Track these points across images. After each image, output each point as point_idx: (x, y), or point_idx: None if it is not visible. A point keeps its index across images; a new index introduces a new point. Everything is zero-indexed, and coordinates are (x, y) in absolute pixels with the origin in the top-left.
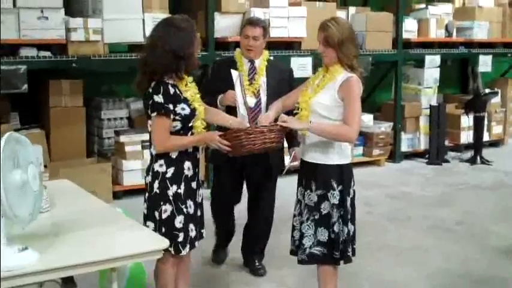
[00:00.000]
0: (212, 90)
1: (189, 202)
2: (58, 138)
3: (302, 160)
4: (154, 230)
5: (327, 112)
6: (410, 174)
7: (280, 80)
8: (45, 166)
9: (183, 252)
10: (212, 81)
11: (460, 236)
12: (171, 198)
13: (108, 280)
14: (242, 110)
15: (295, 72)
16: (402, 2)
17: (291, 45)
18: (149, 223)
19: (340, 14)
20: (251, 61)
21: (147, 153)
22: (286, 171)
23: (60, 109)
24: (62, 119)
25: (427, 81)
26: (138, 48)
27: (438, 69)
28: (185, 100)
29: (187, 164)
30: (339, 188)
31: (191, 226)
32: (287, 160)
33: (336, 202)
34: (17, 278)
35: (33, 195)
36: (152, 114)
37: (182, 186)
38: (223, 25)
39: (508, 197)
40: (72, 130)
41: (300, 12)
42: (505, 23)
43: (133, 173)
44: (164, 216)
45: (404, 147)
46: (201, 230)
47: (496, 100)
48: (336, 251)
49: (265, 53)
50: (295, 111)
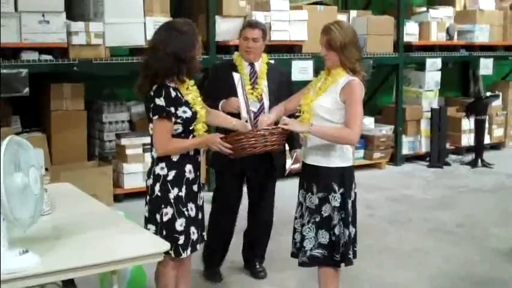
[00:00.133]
0: (213, 94)
1: (191, 205)
2: (59, 141)
3: (303, 163)
4: (155, 233)
5: (329, 115)
6: (411, 177)
7: (280, 84)
8: (46, 169)
9: (184, 255)
10: (212, 85)
11: (461, 239)
12: (172, 201)
13: (108, 283)
14: (245, 113)
15: (296, 75)
16: (403, 6)
17: (292, 48)
18: (150, 226)
19: (341, 18)
20: (251, 64)
21: (148, 156)
22: (287, 173)
23: (61, 112)
24: (63, 123)
25: (428, 84)
26: (140, 51)
27: (439, 72)
28: (186, 103)
29: (188, 167)
30: (340, 191)
31: (193, 229)
32: (288, 163)
33: (337, 205)
34: (18, 281)
35: (34, 198)
36: (154, 117)
37: (183, 189)
38: (224, 28)
39: (509, 200)
40: (73, 133)
41: (301, 15)
42: (506, 26)
43: (134, 176)
44: (165, 219)
45: (405, 150)
46: (202, 233)
47: (497, 103)
48: (337, 254)
49: (264, 56)
50: (297, 113)
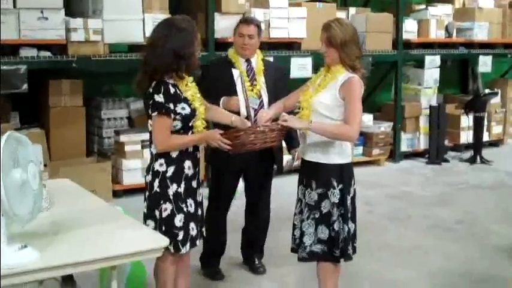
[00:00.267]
0: (211, 91)
1: (190, 201)
2: (58, 137)
3: (303, 159)
4: (154, 229)
5: (328, 112)
6: (410, 174)
7: (276, 80)
8: (45, 165)
9: (183, 250)
10: (210, 82)
11: (460, 236)
12: (171, 197)
13: (108, 278)
14: (244, 110)
15: (295, 72)
16: (402, 3)
17: (291, 45)
18: (149, 222)
19: (340, 15)
20: (247, 61)
21: (147, 152)
22: (285, 170)
23: (60, 109)
24: (62, 119)
25: (427, 81)
26: (139, 48)
27: (438, 69)
28: (185, 100)
29: (187, 163)
30: (339, 187)
31: (192, 225)
32: (289, 161)
33: (336, 201)
34: (17, 276)
35: (32, 194)
36: (153, 113)
37: (182, 185)
38: (223, 26)
39: (508, 197)
40: (72, 130)
41: (300, 13)
42: (505, 24)
43: (133, 172)
44: (164, 214)
45: (404, 147)
46: (202, 229)
47: (496, 100)
48: (336, 249)
49: (259, 53)
50: (296, 110)
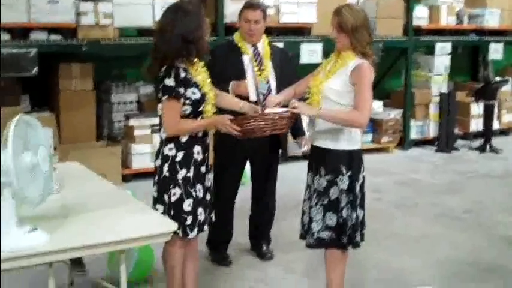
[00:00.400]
0: (222, 77)
1: (198, 186)
2: (68, 121)
3: (312, 145)
4: (163, 213)
5: (338, 97)
6: (419, 161)
7: (283, 64)
8: (54, 149)
9: (191, 235)
10: (217, 67)
11: (468, 225)
12: (180, 181)
13: (116, 262)
14: (254, 96)
15: (305, 58)
16: None
17: (301, 30)
18: (158, 206)
19: (350, 0)
20: (254, 45)
21: (156, 137)
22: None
23: (70, 92)
24: (72, 102)
25: (438, 68)
26: (148, 32)
27: (449, 56)
28: (196, 84)
29: (196, 149)
30: (348, 174)
31: (200, 210)
32: (296, 148)
33: (345, 187)
34: (26, 259)
35: (43, 177)
36: (163, 97)
37: (191, 170)
38: (232, 10)
39: None
40: (81, 113)
41: None
42: None
43: (142, 157)
44: (173, 199)
45: (413, 134)
46: (210, 215)
47: (507, 88)
48: (344, 236)
49: (265, 37)
50: (306, 96)
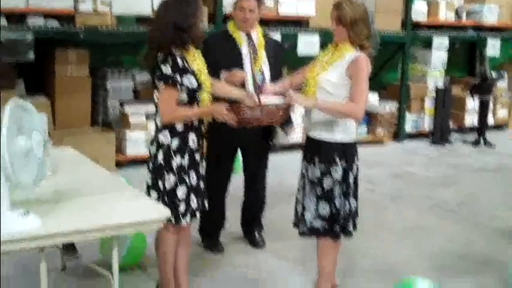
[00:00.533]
0: (215, 66)
1: (192, 174)
2: (63, 106)
3: (307, 136)
4: (157, 200)
5: (334, 89)
6: (413, 154)
7: (275, 54)
8: (49, 134)
9: (184, 222)
10: (212, 56)
11: (462, 218)
12: (175, 169)
13: (109, 247)
14: (251, 86)
15: (302, 50)
16: None
17: (299, 22)
18: (152, 192)
19: None
20: (248, 35)
21: (151, 124)
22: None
23: (66, 78)
24: (68, 88)
25: (435, 63)
26: (146, 21)
27: (446, 51)
28: (193, 72)
29: (191, 136)
30: (342, 164)
31: (192, 197)
32: (283, 137)
33: (339, 178)
34: (19, 242)
35: (37, 161)
36: (160, 85)
37: (186, 157)
38: (231, 0)
39: (510, 180)
40: (77, 99)
41: None
42: None
43: (136, 144)
44: (167, 186)
45: (408, 127)
46: (204, 202)
47: (502, 84)
48: (337, 225)
49: (259, 27)
50: (302, 87)
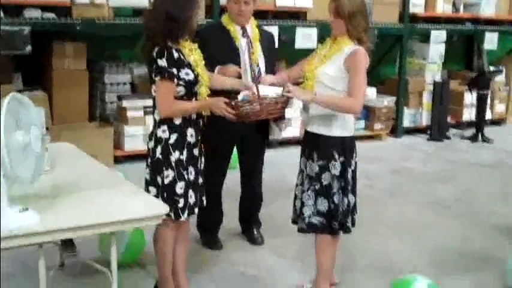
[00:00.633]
0: (214, 61)
1: (191, 169)
2: (60, 100)
3: (305, 130)
4: (156, 195)
5: (332, 83)
6: (411, 149)
7: (268, 47)
8: (47, 128)
9: (182, 217)
10: (209, 51)
11: (460, 213)
12: (173, 164)
13: (107, 244)
14: (249, 79)
15: (300, 42)
16: None
17: (297, 15)
18: (151, 188)
19: None
20: (243, 28)
21: (149, 119)
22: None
23: (63, 71)
24: (65, 82)
25: (432, 56)
26: (143, 12)
27: (443, 45)
28: (189, 65)
29: (190, 131)
30: (340, 159)
31: (190, 192)
32: (277, 132)
33: (337, 173)
34: (17, 239)
35: (35, 156)
36: (156, 78)
37: (184, 152)
38: None
39: (508, 176)
40: (74, 93)
41: None
42: None
43: (134, 138)
44: (166, 181)
45: (406, 122)
46: (202, 198)
47: (501, 78)
48: (335, 221)
49: (253, 20)
50: (300, 80)
